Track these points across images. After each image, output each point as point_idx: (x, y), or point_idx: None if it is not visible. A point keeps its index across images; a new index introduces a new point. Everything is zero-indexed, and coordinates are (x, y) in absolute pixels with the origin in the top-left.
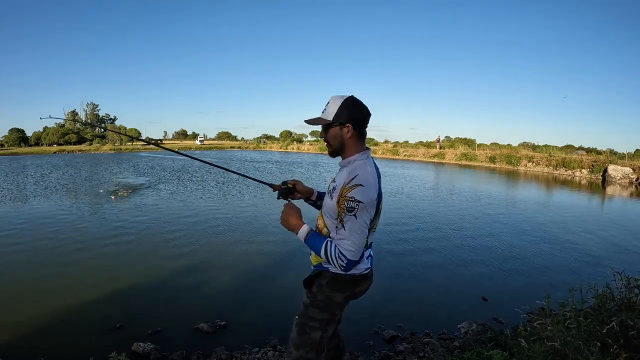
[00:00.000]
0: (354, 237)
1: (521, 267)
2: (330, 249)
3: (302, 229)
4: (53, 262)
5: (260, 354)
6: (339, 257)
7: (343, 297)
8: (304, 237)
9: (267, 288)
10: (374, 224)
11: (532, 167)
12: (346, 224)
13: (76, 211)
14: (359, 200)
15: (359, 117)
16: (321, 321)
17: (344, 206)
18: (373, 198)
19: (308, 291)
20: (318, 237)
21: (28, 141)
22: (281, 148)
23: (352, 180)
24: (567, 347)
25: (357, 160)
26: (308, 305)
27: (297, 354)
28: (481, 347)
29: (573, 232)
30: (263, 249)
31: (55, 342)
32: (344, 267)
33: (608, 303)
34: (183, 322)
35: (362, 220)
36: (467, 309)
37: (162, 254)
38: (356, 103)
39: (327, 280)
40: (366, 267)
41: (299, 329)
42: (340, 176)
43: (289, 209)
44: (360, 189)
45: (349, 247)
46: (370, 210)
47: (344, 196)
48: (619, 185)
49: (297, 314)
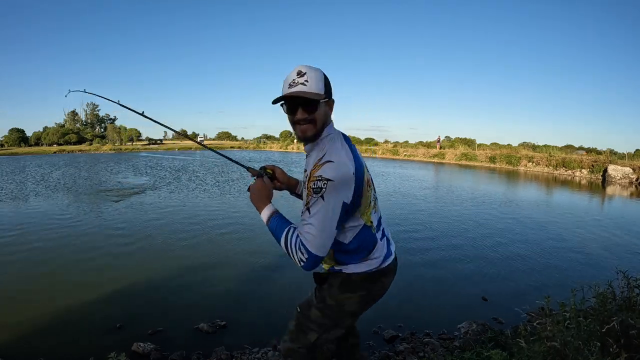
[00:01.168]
0: (318, 224)
1: (521, 267)
2: (290, 237)
3: (265, 210)
4: (53, 262)
5: (260, 354)
6: (299, 249)
7: (357, 302)
8: (266, 219)
9: (267, 288)
10: (367, 200)
11: (532, 167)
12: (312, 208)
13: (76, 211)
14: (327, 178)
15: (330, 88)
16: (320, 325)
17: (311, 188)
18: (347, 173)
19: (317, 288)
20: (282, 221)
21: (28, 141)
22: (281, 148)
23: (319, 160)
24: (567, 347)
25: (325, 135)
26: (312, 304)
27: (290, 345)
28: (481, 347)
29: (573, 232)
30: (263, 249)
31: (55, 342)
32: (305, 264)
33: (609, 303)
34: (183, 322)
35: (333, 203)
36: (467, 309)
37: (162, 254)
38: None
39: (339, 281)
40: (384, 255)
41: (297, 324)
42: (309, 161)
43: (258, 184)
44: (330, 165)
45: (311, 237)
46: (344, 190)
47: (311, 178)
48: (619, 185)
49: (299, 304)
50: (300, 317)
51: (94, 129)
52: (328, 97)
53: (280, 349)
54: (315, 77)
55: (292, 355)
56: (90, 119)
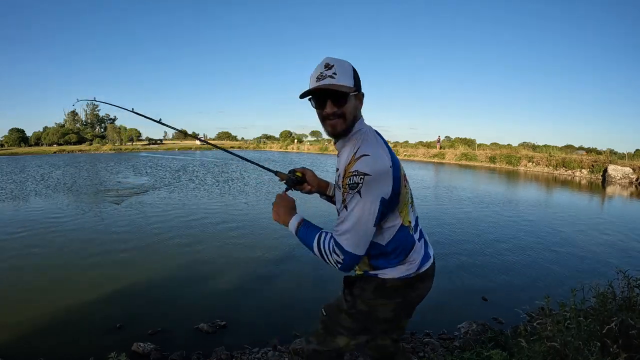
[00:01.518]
0: (356, 221)
1: (521, 267)
2: (323, 241)
3: (292, 220)
4: (53, 262)
5: (260, 354)
6: (333, 250)
7: (392, 309)
8: (294, 229)
9: (267, 288)
10: (405, 197)
11: (532, 167)
12: (349, 205)
13: (76, 211)
14: (364, 173)
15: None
16: (350, 330)
17: (347, 185)
18: (384, 166)
19: (347, 291)
20: (311, 228)
21: (28, 141)
22: (281, 148)
23: (354, 154)
24: (567, 347)
25: (357, 130)
26: (342, 309)
27: (315, 347)
28: (481, 347)
29: (573, 232)
30: (263, 249)
31: (55, 342)
32: (341, 265)
33: (609, 303)
34: (183, 322)
35: (370, 199)
36: (467, 309)
37: (162, 254)
38: None
39: (373, 285)
40: (422, 259)
41: (324, 327)
42: (341, 159)
43: (280, 200)
44: (366, 158)
45: (348, 235)
46: (382, 185)
47: (346, 174)
48: (619, 185)
49: (324, 308)
50: (328, 322)
51: (94, 129)
52: (357, 90)
53: (304, 350)
54: (344, 70)
55: (318, 358)
56: (90, 119)
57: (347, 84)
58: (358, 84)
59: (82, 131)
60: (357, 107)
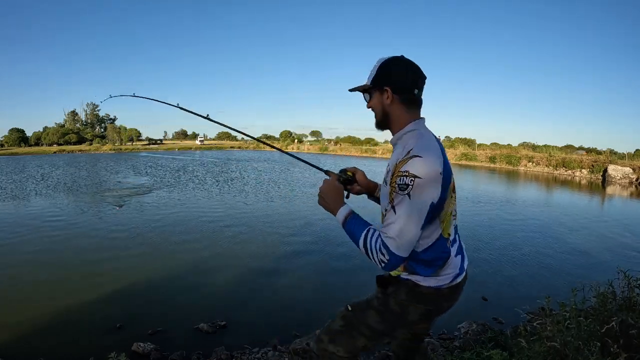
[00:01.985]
0: (403, 223)
1: (521, 267)
2: (370, 239)
3: (342, 209)
4: (53, 263)
5: (260, 354)
6: (379, 250)
7: (421, 313)
8: (342, 220)
9: (267, 288)
10: (449, 207)
11: (532, 167)
12: (397, 207)
13: (76, 212)
14: (414, 175)
15: (400, 79)
16: (375, 331)
17: (396, 184)
18: (436, 170)
19: (380, 290)
20: (360, 222)
21: (28, 141)
22: (281, 148)
23: (407, 153)
24: (567, 347)
25: (410, 130)
26: (372, 306)
27: (326, 347)
28: (481, 347)
29: (573, 232)
30: (263, 249)
31: (55, 342)
32: (385, 265)
33: (609, 303)
34: (183, 322)
35: (419, 203)
36: (467, 309)
37: (162, 254)
38: (397, 62)
39: (407, 289)
40: (456, 272)
41: (344, 324)
42: (392, 156)
43: (328, 185)
44: (417, 160)
45: (395, 236)
46: (432, 189)
47: (396, 172)
48: (619, 185)
49: (350, 304)
50: (352, 318)
51: (94, 129)
52: (374, 85)
53: (314, 349)
54: (372, 69)
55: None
56: (90, 119)
57: (366, 82)
58: (377, 80)
59: (82, 131)
60: (383, 101)
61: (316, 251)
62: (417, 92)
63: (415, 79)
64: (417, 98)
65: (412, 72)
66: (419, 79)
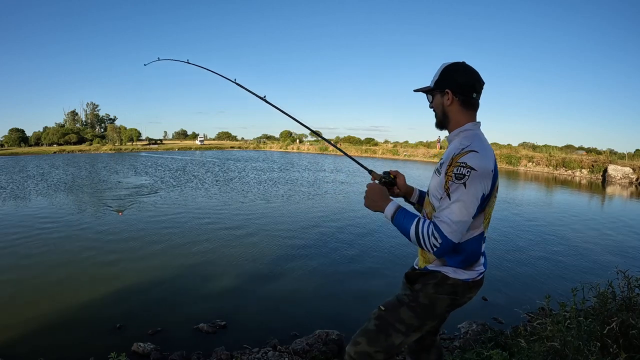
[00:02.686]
0: (457, 210)
1: (521, 267)
2: (422, 225)
3: (390, 206)
4: (53, 263)
5: (260, 354)
6: (432, 234)
7: (447, 305)
8: (392, 214)
9: (266, 288)
10: (491, 206)
11: (532, 167)
12: (452, 194)
13: (75, 212)
14: (471, 167)
15: (461, 82)
16: (409, 327)
17: (453, 173)
18: (489, 167)
19: (409, 287)
20: (409, 214)
21: (28, 141)
22: (281, 148)
23: (465, 147)
24: (567, 347)
25: (469, 129)
26: (403, 303)
27: (365, 349)
28: (481, 347)
29: (573, 232)
30: (263, 249)
31: (55, 342)
32: (437, 249)
33: (609, 303)
34: (183, 322)
35: (473, 193)
36: (467, 309)
37: (162, 254)
38: (459, 68)
39: (436, 281)
40: (482, 269)
41: (379, 324)
42: (448, 150)
43: (373, 187)
44: (474, 154)
45: (449, 222)
46: (484, 183)
47: (454, 162)
48: (619, 185)
49: (383, 304)
50: (387, 317)
51: (94, 129)
52: (436, 87)
53: (350, 352)
54: (436, 72)
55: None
56: (90, 119)
57: (429, 84)
58: (439, 83)
59: (82, 131)
60: (444, 102)
61: (316, 252)
62: (475, 95)
63: (474, 84)
64: (475, 101)
65: (471, 77)
66: (477, 84)
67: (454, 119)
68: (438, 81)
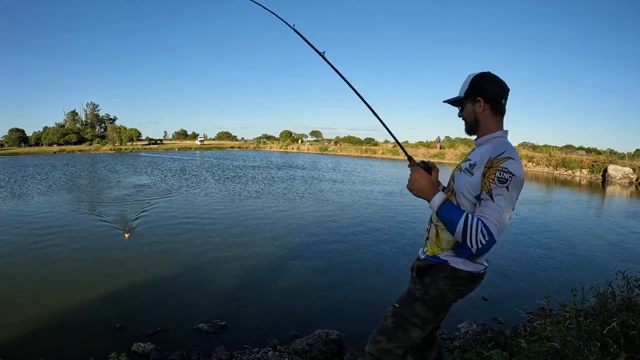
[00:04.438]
0: (501, 211)
1: (521, 267)
2: (471, 220)
3: (438, 195)
4: (53, 263)
5: (260, 354)
6: (481, 231)
7: (454, 296)
8: (439, 204)
9: (266, 288)
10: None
11: (532, 167)
12: (496, 197)
13: (75, 211)
14: (512, 173)
15: (490, 91)
16: (424, 320)
17: (496, 176)
18: (522, 176)
19: (419, 281)
20: (455, 207)
21: (28, 141)
22: (281, 148)
23: (501, 153)
24: (567, 347)
25: (500, 137)
26: (416, 298)
27: (385, 346)
28: (481, 347)
29: (573, 232)
30: (262, 249)
31: (55, 342)
32: (483, 246)
33: (609, 303)
34: (183, 322)
35: (512, 197)
36: (467, 309)
37: (162, 254)
38: (487, 77)
39: (445, 274)
40: (485, 264)
41: (396, 321)
42: (477, 153)
43: (420, 173)
44: (513, 162)
45: (496, 222)
46: (520, 187)
47: (495, 166)
48: (619, 185)
49: (397, 302)
50: (403, 313)
51: (94, 129)
52: (467, 96)
53: (372, 351)
54: (465, 82)
55: (387, 356)
56: (90, 119)
57: (459, 94)
58: (470, 91)
59: (82, 131)
60: (474, 111)
61: (315, 252)
62: (503, 102)
63: (501, 91)
64: (503, 107)
65: (499, 85)
66: (504, 91)
67: (484, 125)
68: (468, 91)
